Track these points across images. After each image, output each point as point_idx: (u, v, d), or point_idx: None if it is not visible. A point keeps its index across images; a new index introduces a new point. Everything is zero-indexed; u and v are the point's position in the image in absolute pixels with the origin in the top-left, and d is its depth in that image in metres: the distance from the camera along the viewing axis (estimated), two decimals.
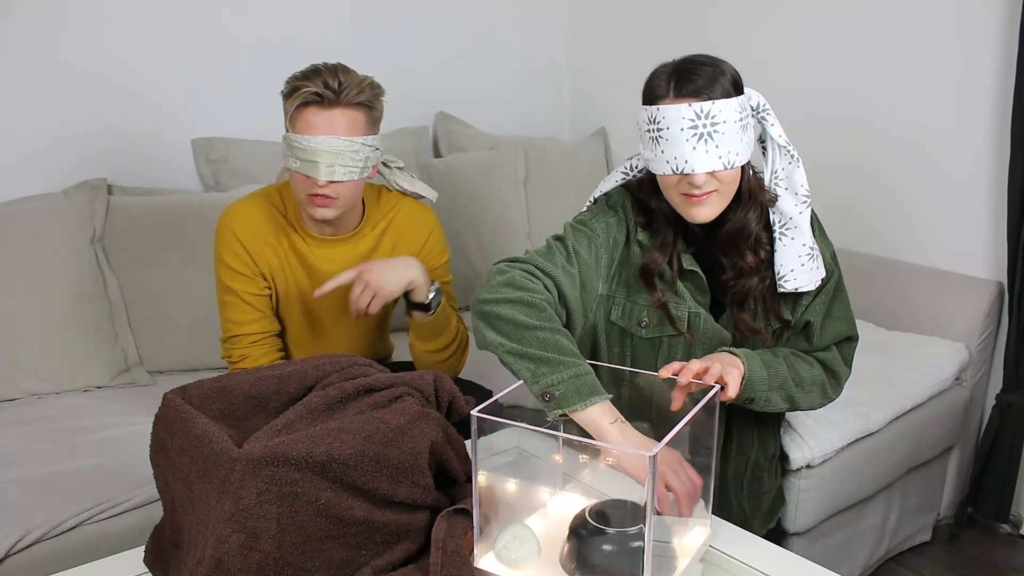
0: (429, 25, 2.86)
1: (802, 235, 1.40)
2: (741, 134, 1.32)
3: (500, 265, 1.35)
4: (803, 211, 1.39)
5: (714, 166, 1.30)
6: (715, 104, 1.29)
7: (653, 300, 1.42)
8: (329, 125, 1.54)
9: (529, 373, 1.21)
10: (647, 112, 1.34)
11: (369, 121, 1.60)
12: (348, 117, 1.56)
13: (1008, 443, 2.23)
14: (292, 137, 1.55)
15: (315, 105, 1.54)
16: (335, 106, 1.54)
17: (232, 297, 1.69)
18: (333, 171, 1.55)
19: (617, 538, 1.06)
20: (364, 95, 1.57)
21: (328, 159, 1.54)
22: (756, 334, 1.44)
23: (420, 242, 1.77)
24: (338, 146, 1.54)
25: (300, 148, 1.54)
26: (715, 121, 1.29)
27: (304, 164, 1.55)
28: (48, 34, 2.19)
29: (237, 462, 1.00)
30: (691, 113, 1.29)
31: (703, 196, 1.33)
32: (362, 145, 1.57)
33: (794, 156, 1.39)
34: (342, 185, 1.57)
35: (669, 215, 1.42)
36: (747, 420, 1.54)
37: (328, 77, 1.54)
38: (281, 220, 1.70)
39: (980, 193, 2.29)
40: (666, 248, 1.41)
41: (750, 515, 1.61)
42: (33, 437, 1.80)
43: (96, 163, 2.28)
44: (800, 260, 1.40)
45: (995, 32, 2.19)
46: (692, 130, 1.29)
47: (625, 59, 3.03)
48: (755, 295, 1.42)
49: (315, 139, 1.53)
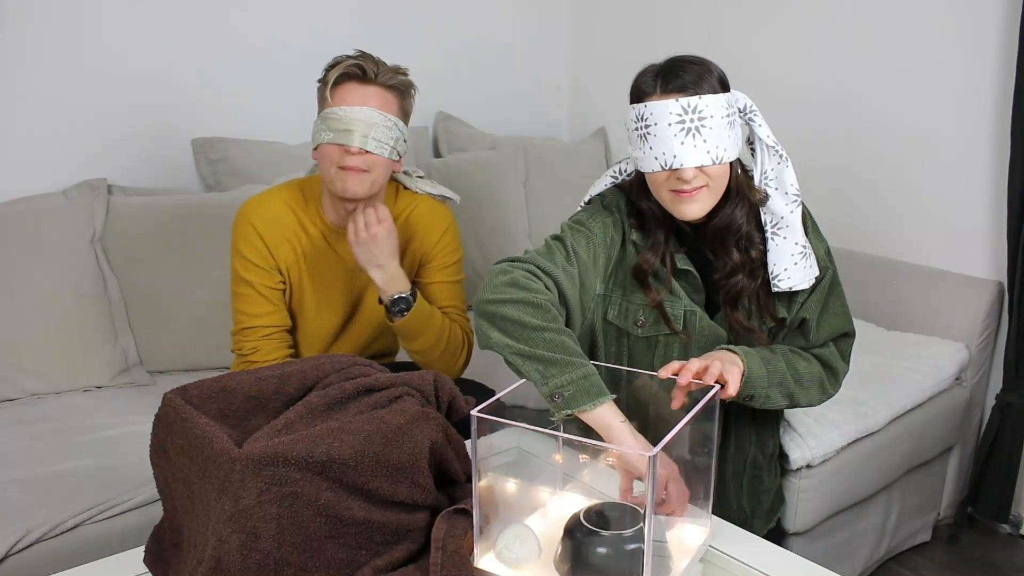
0: (429, 25, 2.86)
1: (794, 234, 1.40)
2: (728, 130, 1.33)
3: (502, 265, 1.35)
4: (794, 210, 1.40)
5: (702, 160, 1.31)
6: (702, 99, 1.30)
7: (648, 300, 1.42)
8: (365, 98, 1.60)
9: (538, 375, 1.22)
10: (635, 110, 1.36)
11: (401, 107, 1.66)
12: (383, 96, 1.62)
13: (1008, 443, 2.23)
14: (329, 111, 1.60)
15: (354, 80, 1.60)
16: (372, 83, 1.61)
17: (247, 289, 1.69)
18: (367, 140, 1.59)
19: (611, 540, 1.06)
20: (399, 79, 1.64)
21: (363, 128, 1.58)
22: (750, 333, 1.44)
23: (435, 238, 1.78)
24: (373, 117, 1.59)
25: (336, 119, 1.58)
26: (702, 116, 1.30)
27: (338, 134, 1.58)
28: (48, 34, 2.19)
29: (237, 462, 1.00)
30: (678, 108, 1.30)
31: (692, 192, 1.34)
32: (395, 124, 1.63)
33: (783, 156, 1.40)
34: (372, 158, 1.61)
35: (659, 215, 1.42)
36: (745, 419, 1.54)
37: (364, 61, 1.61)
38: (302, 215, 1.72)
39: (980, 193, 2.29)
40: (657, 248, 1.42)
41: (750, 515, 1.61)
42: (33, 437, 1.80)
43: (96, 163, 2.28)
44: (793, 259, 1.40)
45: (995, 32, 2.19)
46: (680, 125, 1.30)
47: (625, 59, 3.02)
48: (748, 294, 1.42)
49: (352, 109, 1.59)
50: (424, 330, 1.69)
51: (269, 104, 2.51)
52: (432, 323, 1.70)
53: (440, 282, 1.79)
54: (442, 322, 1.73)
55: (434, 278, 1.79)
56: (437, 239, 1.78)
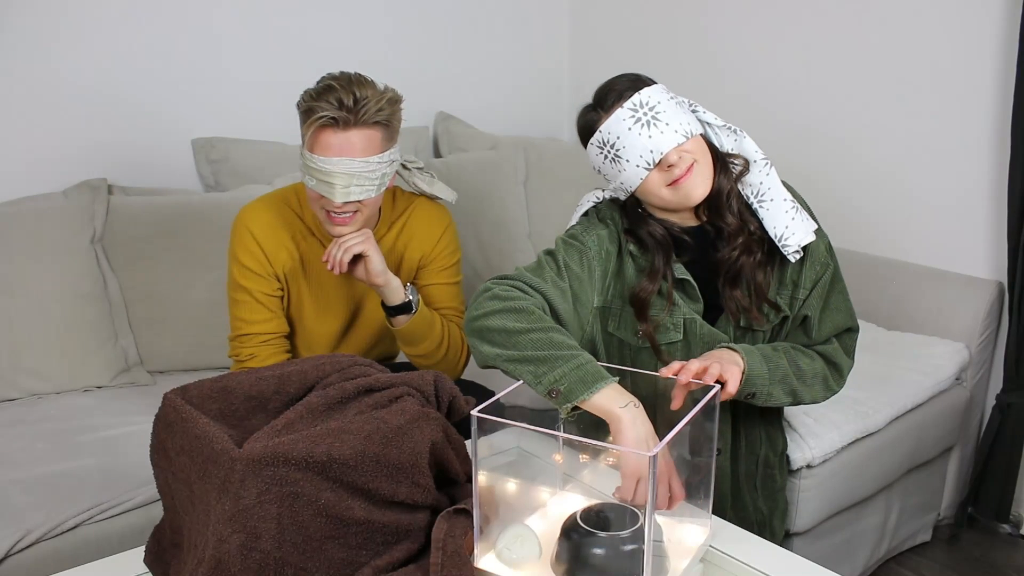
0: (429, 25, 2.86)
1: (778, 194, 1.43)
2: (679, 109, 1.39)
3: (487, 283, 1.36)
4: (768, 172, 1.44)
5: (675, 140, 1.35)
6: (642, 93, 1.37)
7: (641, 329, 1.43)
8: (345, 147, 1.52)
9: (531, 375, 1.21)
10: (595, 142, 1.41)
11: (386, 136, 1.58)
12: (365, 137, 1.53)
13: (1008, 443, 2.23)
14: (308, 156, 1.54)
15: (331, 128, 1.51)
16: (351, 127, 1.51)
17: (244, 296, 1.68)
18: (349, 192, 1.53)
19: (607, 541, 1.06)
20: (382, 113, 1.53)
21: (344, 180, 1.52)
22: (747, 313, 1.44)
23: (433, 240, 1.77)
24: (354, 167, 1.52)
25: (316, 169, 1.53)
26: (651, 106, 1.36)
27: (320, 184, 1.54)
28: (48, 35, 2.19)
29: (237, 462, 1.00)
30: (628, 112, 1.36)
31: (686, 172, 1.37)
32: (378, 163, 1.56)
33: (736, 130, 1.45)
34: (359, 202, 1.57)
35: (660, 236, 1.43)
36: (754, 418, 1.54)
37: (343, 95, 1.49)
38: (298, 223, 1.70)
39: (980, 193, 2.29)
40: (655, 276, 1.42)
41: (768, 515, 1.60)
42: (33, 437, 1.80)
43: (96, 163, 2.28)
44: (789, 216, 1.42)
45: (995, 32, 2.19)
46: (638, 124, 1.35)
47: (625, 59, 3.03)
48: (747, 273, 1.43)
49: (330, 161, 1.51)
50: (427, 335, 1.69)
51: (269, 104, 2.51)
52: (434, 328, 1.70)
53: (439, 284, 1.79)
54: (442, 325, 1.73)
55: (433, 280, 1.79)
56: (435, 242, 1.78)
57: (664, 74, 1.60)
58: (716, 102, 1.79)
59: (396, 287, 1.63)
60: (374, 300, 1.73)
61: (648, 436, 1.16)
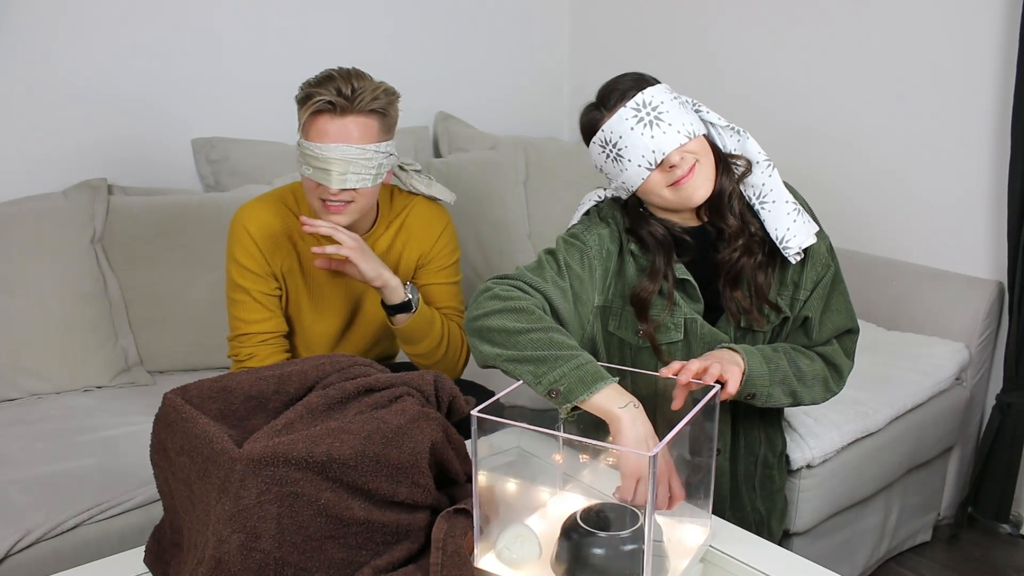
0: (429, 25, 2.86)
1: (781, 196, 1.43)
2: (682, 109, 1.38)
3: (487, 283, 1.36)
4: (772, 174, 1.44)
5: (678, 140, 1.35)
6: (645, 93, 1.36)
7: (642, 329, 1.43)
8: (342, 133, 1.53)
9: (531, 375, 1.21)
10: (597, 140, 1.41)
11: (383, 127, 1.59)
12: (361, 124, 1.55)
13: (1008, 443, 2.23)
14: (305, 144, 1.55)
15: (328, 113, 1.53)
16: (348, 113, 1.53)
17: (243, 295, 1.68)
18: (345, 179, 1.54)
19: (607, 541, 1.06)
20: (378, 102, 1.55)
21: (340, 167, 1.53)
22: (747, 314, 1.44)
23: (431, 240, 1.77)
24: (350, 154, 1.53)
25: (312, 156, 1.54)
26: (655, 106, 1.36)
27: (316, 172, 1.54)
28: (48, 35, 2.19)
29: (237, 462, 1.00)
30: (631, 111, 1.35)
31: (688, 172, 1.36)
32: (375, 152, 1.56)
33: (739, 131, 1.45)
34: (355, 191, 1.57)
35: (661, 236, 1.43)
36: (753, 419, 1.54)
37: (342, 84, 1.52)
38: (295, 222, 1.70)
39: (980, 193, 2.29)
40: (656, 276, 1.42)
41: (766, 515, 1.60)
42: (33, 437, 1.80)
43: (96, 163, 2.28)
44: (791, 218, 1.42)
45: (995, 32, 2.19)
46: (640, 124, 1.35)
47: (625, 59, 3.03)
48: (747, 274, 1.43)
49: (327, 147, 1.53)
50: (427, 333, 1.69)
51: (269, 104, 2.51)
52: (434, 326, 1.71)
53: (438, 284, 1.79)
54: (442, 323, 1.73)
55: (432, 279, 1.79)
56: (433, 242, 1.78)
57: (664, 74, 1.60)
58: (716, 102, 1.79)
59: (395, 286, 1.63)
60: (373, 299, 1.73)
61: (648, 436, 1.16)
